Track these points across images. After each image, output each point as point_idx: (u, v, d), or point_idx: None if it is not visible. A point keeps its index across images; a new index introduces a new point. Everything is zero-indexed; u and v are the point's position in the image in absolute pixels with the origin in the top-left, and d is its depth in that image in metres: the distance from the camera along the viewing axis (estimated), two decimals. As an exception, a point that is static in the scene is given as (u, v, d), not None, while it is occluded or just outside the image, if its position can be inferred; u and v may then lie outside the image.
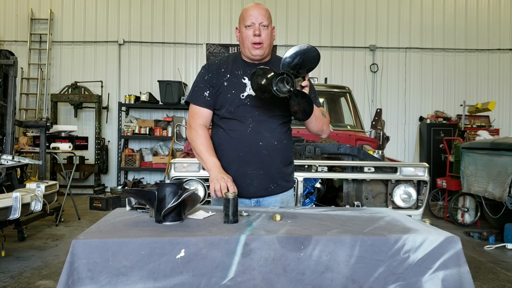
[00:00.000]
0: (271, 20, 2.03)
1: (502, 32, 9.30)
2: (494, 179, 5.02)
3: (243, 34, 2.01)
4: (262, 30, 1.97)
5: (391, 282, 1.37)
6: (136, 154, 8.40)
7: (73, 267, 1.27)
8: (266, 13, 1.99)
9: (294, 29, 9.10)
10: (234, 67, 2.08)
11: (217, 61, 2.13)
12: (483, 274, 3.97)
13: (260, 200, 2.09)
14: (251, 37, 1.97)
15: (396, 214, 1.82)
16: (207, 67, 2.13)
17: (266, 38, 1.99)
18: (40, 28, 8.95)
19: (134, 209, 1.80)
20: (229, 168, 2.00)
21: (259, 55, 2.02)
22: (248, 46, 2.00)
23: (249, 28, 1.98)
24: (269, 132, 2.04)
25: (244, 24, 1.99)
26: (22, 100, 8.75)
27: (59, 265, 3.95)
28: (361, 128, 4.81)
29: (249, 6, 2.02)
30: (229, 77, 2.06)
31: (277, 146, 2.06)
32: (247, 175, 2.03)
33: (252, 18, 1.97)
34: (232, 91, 2.04)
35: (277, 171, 2.08)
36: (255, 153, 2.02)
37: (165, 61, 9.01)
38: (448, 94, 9.28)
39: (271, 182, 2.07)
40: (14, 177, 4.79)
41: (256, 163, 2.03)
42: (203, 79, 2.09)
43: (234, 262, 1.33)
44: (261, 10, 1.98)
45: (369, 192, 3.31)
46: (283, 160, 2.11)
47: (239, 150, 2.02)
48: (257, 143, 2.02)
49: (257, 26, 1.96)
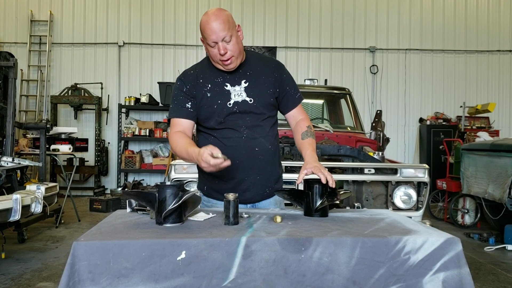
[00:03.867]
0: (233, 24, 1.87)
1: (501, 34, 9.32)
2: (494, 180, 5.02)
3: (209, 51, 1.90)
4: (227, 46, 1.85)
5: (392, 283, 1.37)
6: (136, 155, 8.40)
7: (73, 269, 1.27)
8: (225, 25, 1.82)
9: (294, 31, 9.11)
10: (212, 75, 1.98)
11: (193, 71, 2.02)
12: (483, 276, 3.97)
13: (256, 205, 2.07)
14: (218, 56, 1.87)
15: (396, 216, 1.82)
16: (183, 78, 2.01)
17: (234, 49, 1.87)
18: (40, 30, 8.96)
19: (134, 211, 1.80)
20: (226, 177, 1.97)
21: (233, 67, 1.94)
22: (219, 62, 1.91)
23: (213, 47, 1.86)
24: (263, 136, 2.01)
25: (207, 42, 1.87)
26: (22, 102, 8.76)
27: (59, 267, 3.95)
28: (361, 129, 4.81)
29: (206, 19, 1.83)
30: (211, 87, 1.96)
31: (271, 150, 2.04)
32: (244, 182, 1.99)
33: (213, 37, 1.82)
34: (218, 101, 1.95)
35: (271, 174, 2.06)
36: (252, 160, 1.98)
37: (165, 63, 9.02)
38: (448, 96, 9.29)
39: (267, 187, 2.05)
40: (14, 179, 4.79)
41: (253, 169, 1.99)
42: (181, 91, 1.98)
43: (234, 264, 1.33)
44: (219, 24, 1.81)
45: (369, 194, 3.31)
46: (276, 161, 2.10)
47: (235, 158, 1.93)
48: (254, 149, 1.98)
49: (220, 45, 1.83)
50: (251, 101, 1.97)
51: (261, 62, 2.06)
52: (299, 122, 2.09)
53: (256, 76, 2.00)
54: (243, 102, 1.96)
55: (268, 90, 2.01)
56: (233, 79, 1.98)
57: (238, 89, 1.97)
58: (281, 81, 2.05)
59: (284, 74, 2.08)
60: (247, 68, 2.00)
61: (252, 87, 1.98)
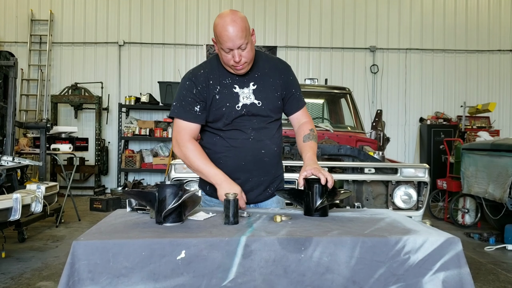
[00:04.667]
0: (249, 31, 1.83)
1: (502, 33, 9.31)
2: (494, 180, 5.01)
3: (222, 56, 1.86)
4: (242, 53, 1.82)
5: (392, 283, 1.37)
6: (136, 155, 8.40)
7: (73, 268, 1.27)
8: (243, 33, 1.78)
9: (295, 30, 9.11)
10: (220, 76, 1.95)
11: (203, 71, 1.97)
12: (483, 275, 3.97)
13: (259, 205, 2.08)
14: (231, 61, 1.84)
15: (396, 215, 1.82)
16: (193, 78, 1.96)
17: (248, 56, 1.85)
18: (40, 29, 8.96)
19: (134, 210, 1.80)
20: (231, 177, 1.96)
21: (244, 73, 1.93)
22: (231, 67, 1.90)
23: (227, 53, 1.83)
24: (269, 139, 2.01)
25: (221, 47, 1.82)
26: (22, 101, 8.76)
27: (59, 266, 3.95)
28: (361, 129, 4.81)
29: (223, 24, 1.78)
30: (220, 89, 1.94)
31: (276, 152, 2.05)
32: (248, 183, 2.00)
33: (229, 44, 1.78)
34: (227, 104, 1.93)
35: (275, 175, 2.08)
36: (257, 161, 1.99)
37: (165, 62, 9.02)
38: (448, 95, 9.29)
39: (269, 187, 2.07)
40: (15, 178, 4.79)
41: (258, 171, 2.00)
42: (191, 93, 1.94)
43: (234, 263, 1.33)
44: (237, 32, 1.76)
45: (369, 193, 3.31)
46: (280, 163, 2.12)
47: (241, 159, 1.96)
48: (260, 151, 1.98)
49: (236, 52, 1.81)
50: (259, 104, 1.97)
51: (269, 63, 2.04)
52: (302, 125, 2.10)
53: (264, 79, 2.00)
54: (252, 104, 1.96)
55: (276, 93, 2.01)
56: (242, 81, 1.97)
57: (247, 91, 1.96)
58: (287, 84, 2.05)
59: (290, 77, 2.08)
60: (255, 69, 1.99)
61: (260, 90, 1.98)
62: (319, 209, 1.76)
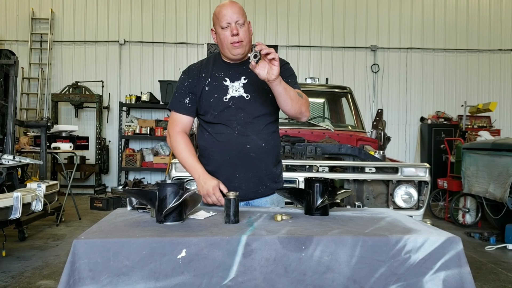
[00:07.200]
0: (246, 16, 1.96)
1: (503, 33, 9.30)
2: (495, 179, 5.01)
3: (220, 35, 1.94)
4: (239, 29, 1.91)
5: (392, 282, 1.37)
6: (137, 154, 8.40)
7: (74, 267, 1.27)
8: (240, 10, 1.92)
9: (295, 29, 9.10)
10: (214, 69, 2.03)
11: (198, 65, 2.08)
12: (484, 275, 3.97)
13: (250, 202, 2.06)
14: (229, 38, 1.91)
15: (397, 215, 1.82)
16: (187, 72, 2.08)
17: (245, 36, 1.93)
18: (41, 28, 8.95)
19: (135, 209, 1.80)
20: (217, 172, 1.98)
21: (240, 54, 1.96)
22: (228, 47, 1.94)
23: (225, 29, 1.91)
24: (256, 134, 2.00)
25: (220, 26, 1.92)
26: (23, 100, 8.75)
27: (59, 265, 3.95)
28: (362, 128, 4.81)
29: (222, 5, 1.93)
30: (210, 81, 2.01)
31: (265, 148, 2.02)
32: (236, 179, 2.00)
33: (227, 18, 1.89)
34: (215, 95, 2.00)
35: (265, 173, 2.05)
36: (242, 156, 1.98)
37: (166, 61, 9.01)
38: (449, 95, 9.28)
39: (260, 185, 2.04)
40: (15, 177, 4.79)
41: (244, 166, 2.00)
42: (183, 85, 2.06)
43: (235, 262, 1.33)
44: (234, 8, 1.91)
45: (370, 193, 3.31)
46: (272, 161, 2.08)
47: (227, 154, 1.99)
48: (245, 146, 1.98)
49: (233, 25, 1.90)
50: (247, 97, 1.99)
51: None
52: None
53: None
54: (240, 97, 1.98)
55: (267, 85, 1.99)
56: (234, 75, 2.01)
57: (237, 84, 2.00)
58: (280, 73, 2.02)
59: (283, 68, 2.02)
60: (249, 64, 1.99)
61: (251, 83, 2.00)
62: (319, 208, 1.76)
